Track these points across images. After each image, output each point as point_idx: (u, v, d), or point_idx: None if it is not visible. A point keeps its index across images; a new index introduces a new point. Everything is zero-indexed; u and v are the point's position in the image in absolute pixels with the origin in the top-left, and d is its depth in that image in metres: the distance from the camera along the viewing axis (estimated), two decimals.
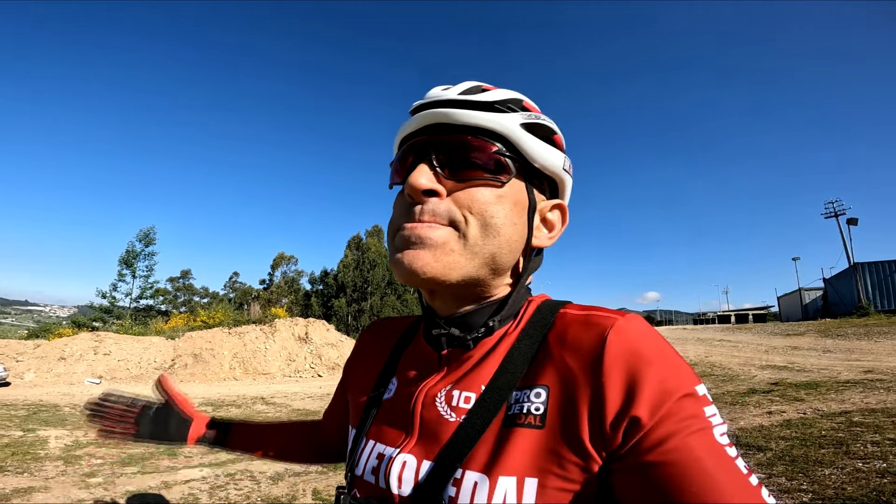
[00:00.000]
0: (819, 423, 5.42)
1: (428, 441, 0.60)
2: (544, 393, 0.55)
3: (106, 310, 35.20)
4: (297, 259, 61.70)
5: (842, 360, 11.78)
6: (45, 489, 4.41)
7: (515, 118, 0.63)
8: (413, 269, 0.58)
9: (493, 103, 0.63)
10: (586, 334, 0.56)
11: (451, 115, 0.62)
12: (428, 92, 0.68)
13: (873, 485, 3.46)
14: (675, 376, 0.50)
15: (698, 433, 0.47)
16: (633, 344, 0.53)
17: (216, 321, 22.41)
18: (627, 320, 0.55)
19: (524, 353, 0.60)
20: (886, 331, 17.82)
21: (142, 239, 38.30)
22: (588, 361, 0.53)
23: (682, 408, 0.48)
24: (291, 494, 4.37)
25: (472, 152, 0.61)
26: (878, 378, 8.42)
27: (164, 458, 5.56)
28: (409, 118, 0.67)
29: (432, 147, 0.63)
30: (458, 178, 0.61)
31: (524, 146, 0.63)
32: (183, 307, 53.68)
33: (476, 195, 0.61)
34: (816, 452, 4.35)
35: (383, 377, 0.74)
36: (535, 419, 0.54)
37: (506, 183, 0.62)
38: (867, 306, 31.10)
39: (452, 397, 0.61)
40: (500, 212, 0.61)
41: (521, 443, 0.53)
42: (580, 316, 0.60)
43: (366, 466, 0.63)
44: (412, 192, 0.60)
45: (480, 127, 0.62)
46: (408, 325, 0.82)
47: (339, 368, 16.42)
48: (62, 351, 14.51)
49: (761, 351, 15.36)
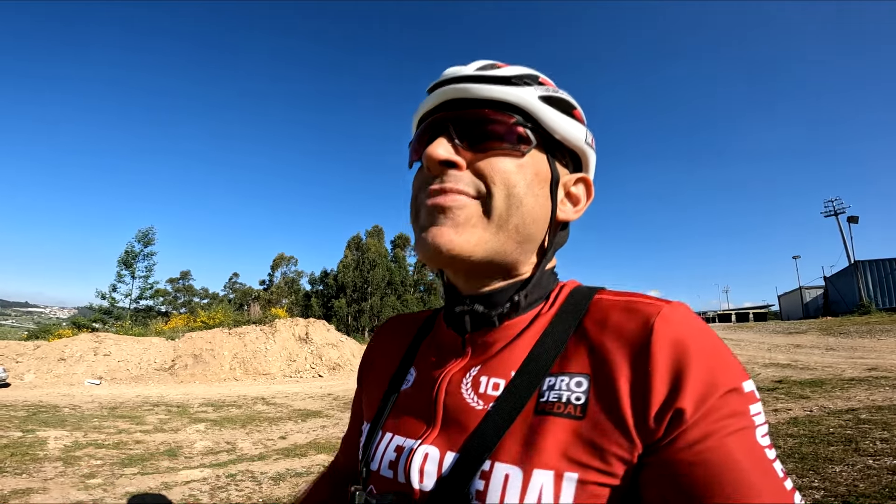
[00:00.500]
0: (826, 421, 5.39)
1: (452, 431, 0.55)
2: (585, 382, 0.51)
3: (105, 311, 35.14)
4: (296, 259, 61.75)
5: (845, 358, 11.76)
6: (44, 490, 4.36)
7: (533, 91, 0.61)
8: (437, 245, 0.56)
9: (509, 77, 0.61)
10: (629, 321, 0.52)
11: (469, 89, 0.60)
12: (445, 71, 0.66)
13: (885, 481, 3.43)
14: (722, 370, 0.48)
15: (739, 433, 0.45)
16: (680, 333, 0.49)
17: (216, 322, 22.36)
18: (673, 308, 0.52)
19: (557, 338, 0.57)
20: (889, 328, 17.78)
21: (140, 239, 38.22)
22: (633, 350, 0.50)
23: (725, 404, 0.46)
24: (293, 495, 4.32)
25: (491, 124, 0.59)
26: (882, 375, 8.39)
27: (165, 458, 5.52)
28: (426, 97, 0.66)
29: (450, 121, 0.61)
30: (478, 149, 0.59)
31: (544, 118, 0.61)
32: (183, 308, 53.74)
33: (497, 164, 0.59)
34: (826, 450, 4.31)
35: (401, 369, 0.70)
36: (574, 409, 0.50)
37: (526, 153, 0.60)
38: (868, 304, 31.12)
39: (480, 384, 0.57)
40: (521, 181, 0.59)
41: (557, 433, 0.49)
42: (620, 302, 0.56)
43: (382, 460, 0.59)
44: (430, 163, 0.58)
45: (499, 100, 0.60)
46: (426, 316, 0.78)
47: (339, 368, 16.41)
48: (62, 352, 14.47)
49: (764, 349, 15.35)
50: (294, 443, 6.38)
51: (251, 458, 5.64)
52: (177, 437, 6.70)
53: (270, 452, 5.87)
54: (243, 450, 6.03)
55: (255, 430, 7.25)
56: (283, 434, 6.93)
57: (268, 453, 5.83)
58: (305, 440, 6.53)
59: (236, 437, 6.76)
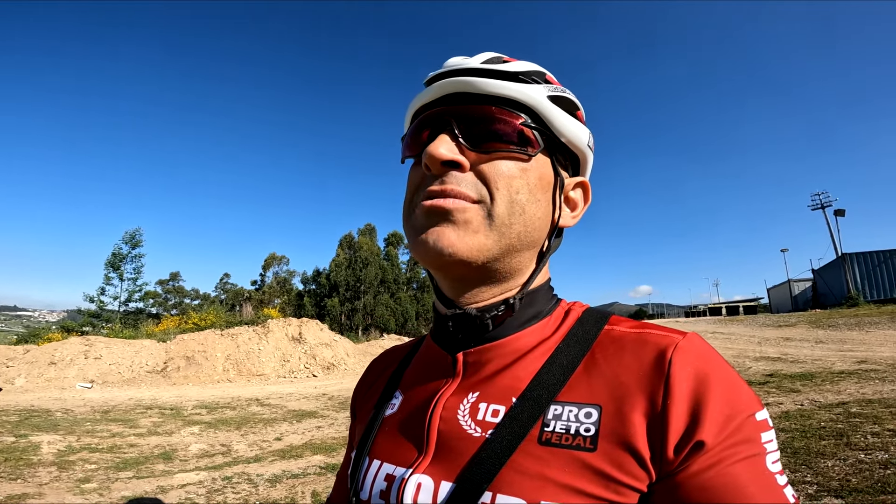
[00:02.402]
0: (817, 415, 5.45)
1: (446, 459, 0.52)
2: (596, 413, 0.49)
3: (94, 314, 34.75)
4: (288, 259, 61.37)
5: (835, 351, 11.90)
6: (40, 495, 4.33)
7: (542, 90, 0.59)
8: (438, 248, 0.53)
9: (517, 73, 0.59)
10: (645, 353, 0.51)
11: (474, 83, 0.57)
12: (447, 61, 0.63)
13: (877, 476, 3.48)
14: (738, 400, 0.48)
15: (748, 459, 0.44)
16: (698, 366, 0.49)
17: (208, 323, 22.21)
18: (689, 341, 0.51)
19: (565, 365, 0.54)
20: (877, 321, 18.00)
21: (128, 241, 37.62)
22: (649, 382, 0.49)
23: (739, 431, 0.46)
24: (290, 497, 4.31)
25: (496, 123, 0.56)
26: (872, 368, 8.49)
27: (160, 462, 5.49)
28: (424, 89, 0.62)
29: (453, 117, 0.57)
30: (482, 149, 0.56)
31: (552, 119, 0.59)
32: (174, 309, 53.30)
33: (501, 168, 0.56)
34: (818, 444, 4.37)
35: (385, 393, 0.68)
36: (584, 441, 0.47)
37: (532, 156, 0.58)
38: (857, 296, 31.48)
39: (478, 410, 0.54)
40: (524, 187, 0.56)
41: (565, 465, 0.47)
42: (634, 334, 0.54)
43: (372, 490, 0.56)
44: (431, 162, 0.55)
45: (506, 97, 0.57)
46: (414, 343, 0.76)
47: (333, 368, 16.36)
48: (52, 356, 14.31)
49: (754, 343, 15.48)
50: (290, 444, 6.36)
51: (247, 460, 5.62)
52: (171, 439, 6.66)
53: (266, 454, 5.85)
54: (238, 452, 6.00)
55: (249, 431, 7.21)
56: (279, 435, 6.90)
57: (263, 455, 5.81)
58: (301, 441, 6.51)
59: (231, 438, 6.73)
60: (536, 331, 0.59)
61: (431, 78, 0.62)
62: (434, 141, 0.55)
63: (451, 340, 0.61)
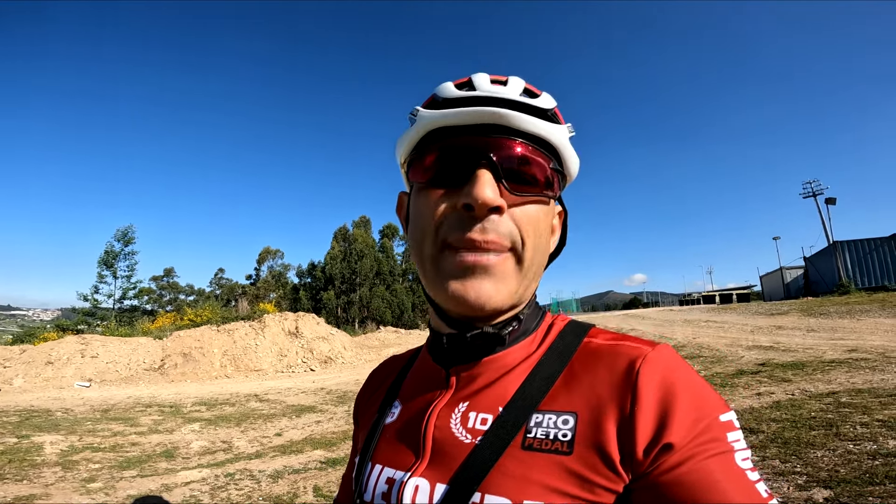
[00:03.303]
0: (808, 405, 5.54)
1: (441, 463, 0.57)
2: (572, 420, 0.54)
3: (89, 312, 34.60)
4: (283, 253, 61.22)
5: (826, 340, 12.01)
6: (47, 496, 4.38)
7: (565, 130, 0.61)
8: (480, 303, 0.56)
9: (547, 111, 0.59)
10: (616, 364, 0.56)
11: (513, 119, 0.56)
12: (475, 80, 0.60)
13: (865, 466, 3.54)
14: (704, 404, 0.52)
15: (718, 456, 0.48)
16: (664, 375, 0.53)
17: (204, 319, 22.18)
18: (658, 352, 0.56)
19: (547, 376, 0.59)
20: (868, 308, 18.19)
21: (120, 238, 37.44)
22: (619, 391, 0.53)
23: (706, 431, 0.49)
24: (293, 492, 4.39)
25: (532, 167, 0.58)
26: (862, 357, 8.60)
27: (162, 460, 5.55)
28: (447, 105, 0.60)
29: (494, 154, 0.56)
30: (517, 191, 0.57)
31: (568, 161, 0.62)
32: (169, 306, 53.18)
33: (532, 213, 0.58)
34: (807, 434, 4.45)
35: (386, 402, 0.73)
36: (562, 445, 0.52)
37: (553, 198, 0.61)
38: (848, 284, 31.77)
39: (469, 419, 0.59)
40: (546, 230, 0.60)
41: (546, 468, 0.52)
42: (608, 346, 0.59)
43: (375, 492, 0.61)
44: (478, 207, 0.54)
45: (539, 137, 0.58)
46: (412, 353, 0.81)
47: (331, 362, 16.42)
48: (49, 355, 14.28)
49: (747, 331, 15.60)
50: (290, 439, 6.43)
51: (248, 456, 5.69)
52: (172, 437, 6.72)
53: (267, 450, 5.92)
54: (240, 448, 6.06)
55: (249, 427, 7.27)
56: (279, 431, 6.96)
57: (264, 451, 5.88)
58: (301, 436, 6.57)
59: (232, 435, 6.79)
60: (523, 347, 0.63)
61: (460, 98, 0.59)
62: (478, 181, 0.55)
63: (446, 356, 0.65)
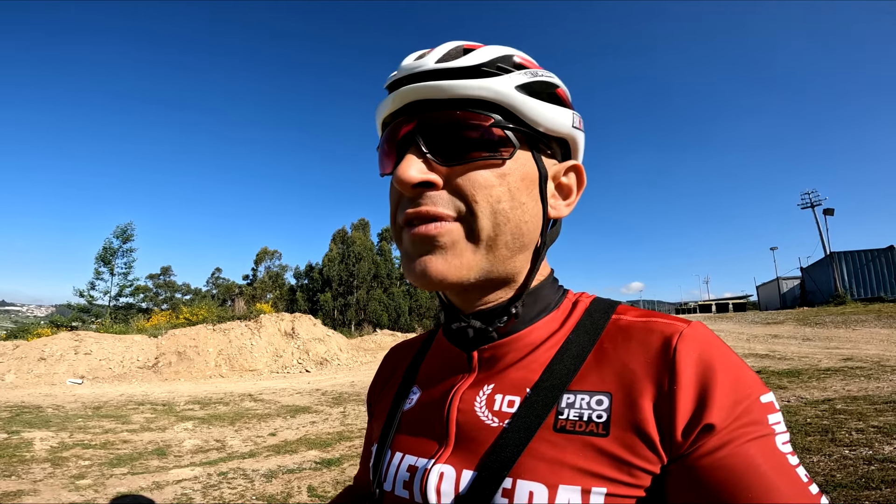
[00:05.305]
0: (803, 411, 5.55)
1: (467, 449, 0.54)
2: (607, 400, 0.51)
3: (84, 309, 34.41)
4: (280, 253, 61.03)
5: (821, 348, 12.05)
6: (35, 492, 4.33)
7: (510, 80, 0.54)
8: (428, 277, 0.53)
9: (479, 67, 0.54)
10: (651, 340, 0.53)
11: (433, 88, 0.53)
12: (402, 62, 0.58)
13: (861, 472, 3.55)
14: (744, 383, 0.49)
15: (759, 440, 0.46)
16: (702, 353, 0.51)
17: (200, 318, 22.09)
18: (693, 329, 0.53)
19: (576, 355, 0.56)
20: (863, 318, 18.26)
21: (119, 235, 37.22)
22: (656, 369, 0.51)
23: (746, 413, 0.47)
24: (286, 492, 4.35)
25: (464, 130, 0.53)
26: (857, 366, 8.62)
27: (154, 458, 5.50)
28: (386, 96, 0.58)
29: (417, 131, 0.54)
30: (454, 161, 0.53)
31: (525, 111, 0.54)
32: (165, 304, 52.97)
33: (477, 179, 0.53)
34: (803, 440, 4.45)
35: (402, 388, 0.69)
36: (597, 427, 0.50)
37: (508, 158, 0.54)
38: (844, 294, 31.82)
39: (494, 402, 0.56)
40: (505, 194, 0.54)
41: (580, 450, 0.49)
42: (640, 322, 0.56)
43: (396, 480, 0.58)
44: (402, 188, 0.53)
45: (470, 98, 0.53)
46: (425, 337, 0.77)
47: (326, 363, 16.37)
48: (42, 351, 14.19)
49: (743, 339, 15.64)
50: (284, 439, 6.39)
51: (241, 455, 5.64)
52: (164, 435, 6.66)
53: (261, 449, 5.88)
54: (233, 447, 6.02)
55: (243, 427, 7.22)
56: (273, 431, 6.92)
57: (258, 450, 5.84)
58: (295, 436, 6.53)
59: (225, 434, 6.74)
60: (546, 324, 0.60)
61: (391, 83, 0.58)
62: (402, 162, 0.53)
63: (465, 341, 0.62)
